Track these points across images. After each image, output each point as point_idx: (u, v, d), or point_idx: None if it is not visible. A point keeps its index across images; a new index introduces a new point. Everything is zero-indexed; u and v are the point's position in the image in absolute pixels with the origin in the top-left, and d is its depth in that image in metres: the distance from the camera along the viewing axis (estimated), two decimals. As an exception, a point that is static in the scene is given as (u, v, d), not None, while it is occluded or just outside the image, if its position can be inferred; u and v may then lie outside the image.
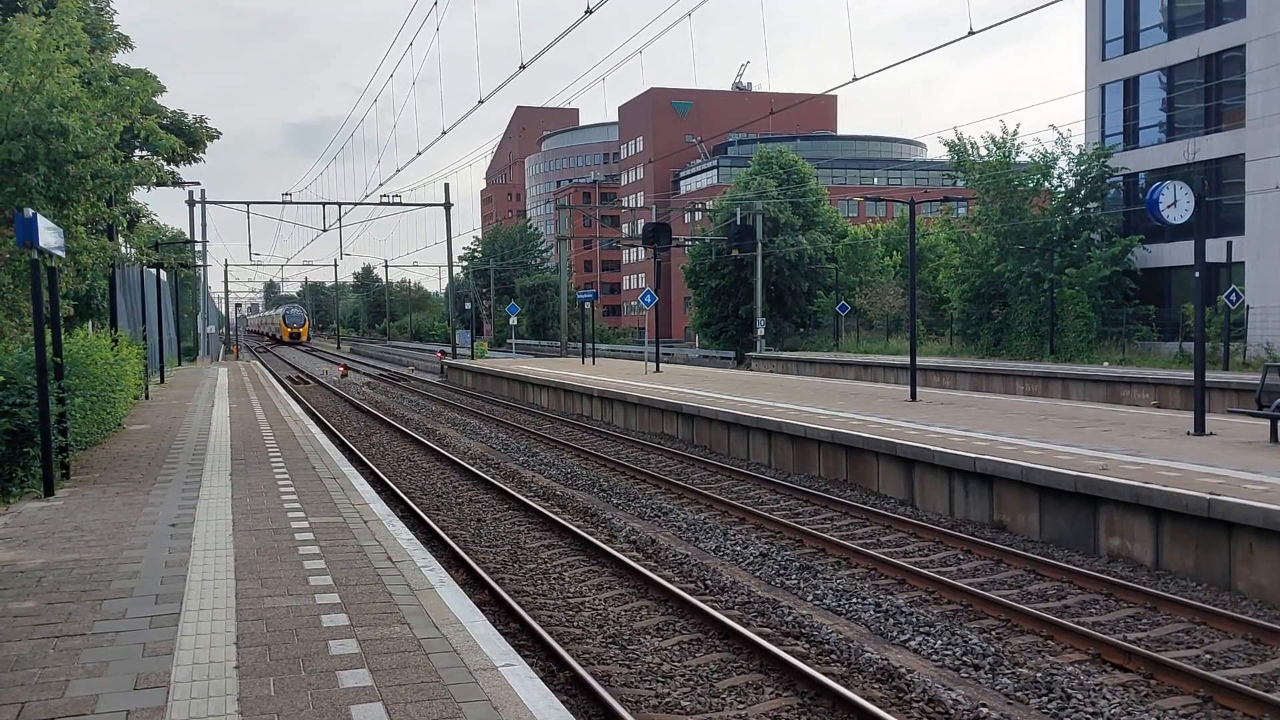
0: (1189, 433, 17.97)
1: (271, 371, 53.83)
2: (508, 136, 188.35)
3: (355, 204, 61.13)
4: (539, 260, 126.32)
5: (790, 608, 11.46)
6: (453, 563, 13.31)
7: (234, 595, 8.92)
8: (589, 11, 20.42)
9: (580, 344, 55.61)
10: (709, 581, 12.70)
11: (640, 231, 59.95)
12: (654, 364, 42.11)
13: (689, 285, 75.74)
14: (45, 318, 14.02)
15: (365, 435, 28.57)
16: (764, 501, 17.74)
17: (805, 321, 69.71)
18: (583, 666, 9.41)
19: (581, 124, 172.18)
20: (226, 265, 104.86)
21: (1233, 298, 38.36)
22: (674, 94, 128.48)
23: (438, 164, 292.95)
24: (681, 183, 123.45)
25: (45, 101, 14.99)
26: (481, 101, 30.82)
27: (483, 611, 8.84)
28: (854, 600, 11.68)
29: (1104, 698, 8.73)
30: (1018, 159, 50.08)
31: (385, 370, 64.71)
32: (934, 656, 9.92)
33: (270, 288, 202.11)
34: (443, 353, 67.15)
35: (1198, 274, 17.77)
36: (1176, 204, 17.38)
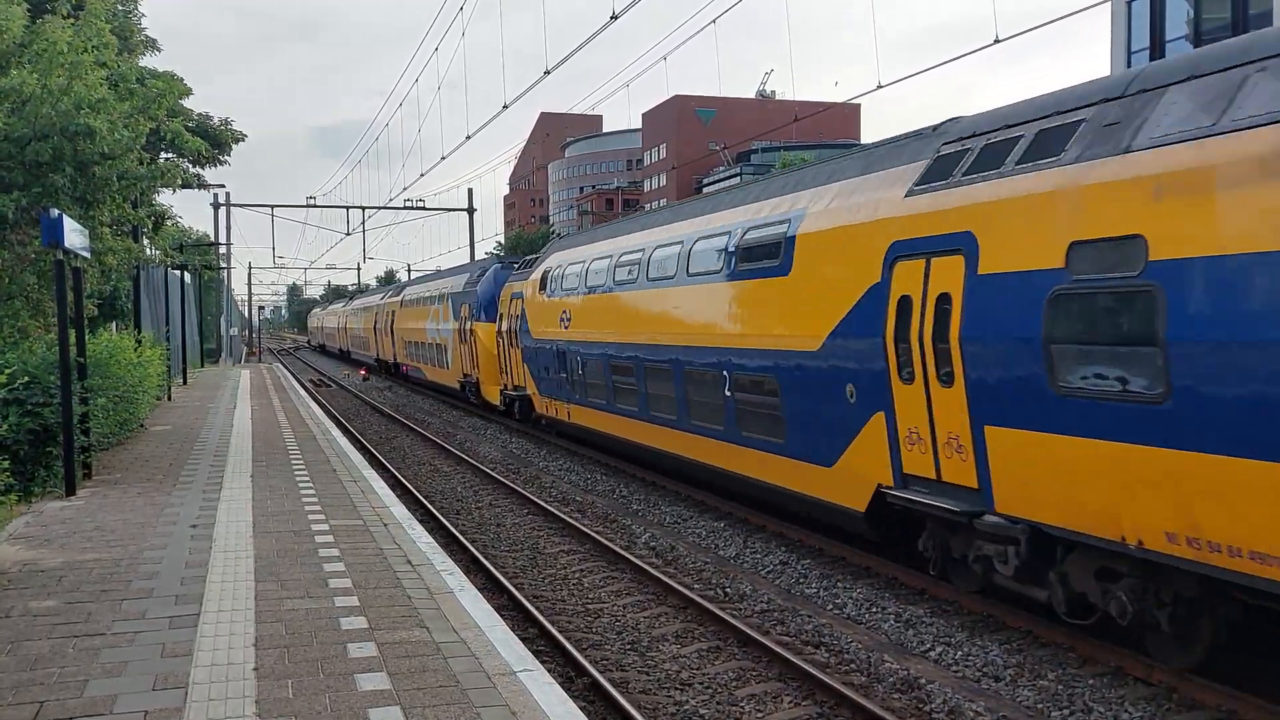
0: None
1: (293, 374, 54.03)
2: (531, 142, 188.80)
3: (379, 208, 61.51)
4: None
5: (810, 616, 11.40)
6: (472, 567, 13.29)
7: (253, 597, 8.93)
8: (614, 17, 20.43)
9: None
10: (728, 589, 12.65)
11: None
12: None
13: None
14: (69, 318, 14.10)
15: (386, 439, 28.61)
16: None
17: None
18: (601, 673, 9.39)
19: (605, 130, 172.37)
20: (250, 267, 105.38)
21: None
22: (698, 101, 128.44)
23: (461, 169, 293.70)
24: (704, 190, 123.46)
25: (73, 103, 15.10)
26: (506, 107, 30.85)
27: (501, 616, 8.83)
28: (874, 610, 11.61)
29: (1125, 711, 8.64)
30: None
31: (406, 374, 64.74)
32: (954, 667, 9.84)
33: (293, 290, 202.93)
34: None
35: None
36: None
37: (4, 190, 15.22)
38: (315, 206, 60.79)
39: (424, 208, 61.86)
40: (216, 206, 58.94)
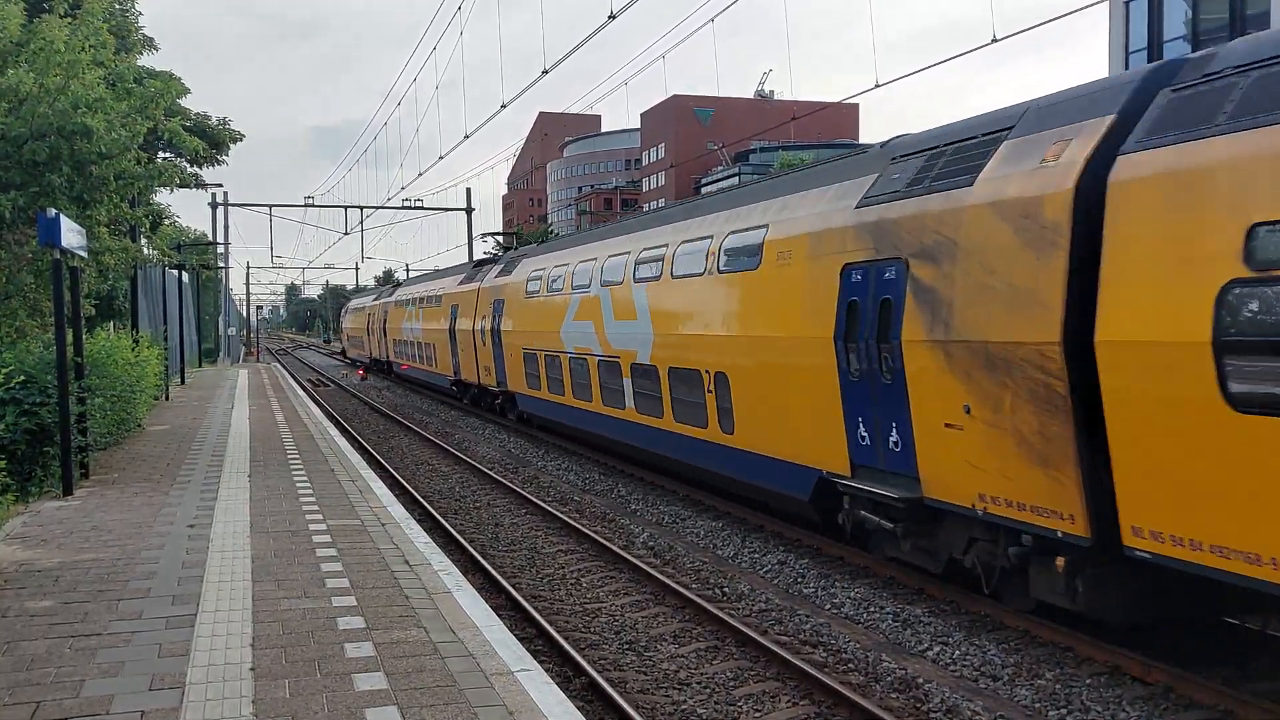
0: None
1: (291, 374, 54.00)
2: (530, 141, 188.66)
3: (377, 208, 61.38)
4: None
5: (808, 616, 11.39)
6: (470, 567, 13.29)
7: (251, 597, 8.92)
8: (612, 16, 20.41)
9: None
10: (726, 588, 12.65)
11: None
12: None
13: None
14: (67, 318, 14.08)
15: (384, 439, 28.60)
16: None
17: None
18: (599, 672, 9.38)
19: (604, 130, 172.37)
20: (248, 267, 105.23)
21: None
22: (696, 100, 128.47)
23: (460, 168, 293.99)
24: (703, 189, 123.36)
25: (70, 102, 15.08)
26: (504, 106, 30.82)
27: (499, 616, 8.83)
28: (872, 609, 11.60)
29: (1123, 710, 8.64)
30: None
31: (405, 374, 64.63)
32: (952, 667, 9.84)
33: (291, 290, 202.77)
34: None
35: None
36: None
37: (1, 190, 15.20)
38: (313, 206, 60.73)
39: (422, 207, 61.75)
40: (214, 206, 58.84)
